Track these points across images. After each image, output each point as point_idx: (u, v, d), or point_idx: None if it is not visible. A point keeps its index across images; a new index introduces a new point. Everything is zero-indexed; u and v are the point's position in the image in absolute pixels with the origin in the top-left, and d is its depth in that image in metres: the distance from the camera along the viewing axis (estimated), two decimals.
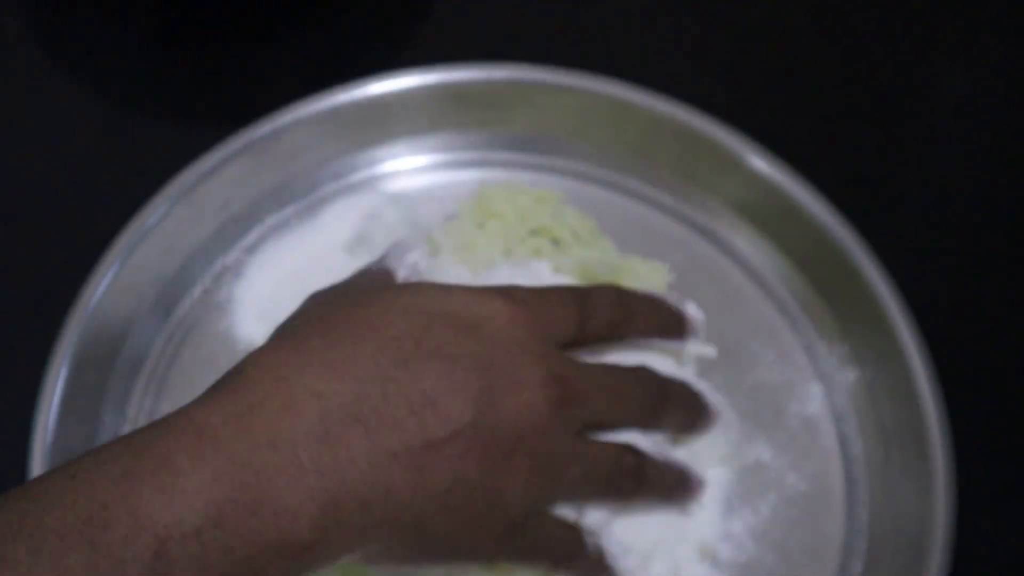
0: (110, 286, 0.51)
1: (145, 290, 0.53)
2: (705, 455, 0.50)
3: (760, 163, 0.55)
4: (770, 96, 0.63)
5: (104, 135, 0.61)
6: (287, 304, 0.54)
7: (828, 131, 0.62)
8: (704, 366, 0.53)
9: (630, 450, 0.46)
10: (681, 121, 0.56)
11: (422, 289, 0.44)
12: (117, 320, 0.52)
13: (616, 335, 0.48)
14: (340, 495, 0.37)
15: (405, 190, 0.58)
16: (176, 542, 0.33)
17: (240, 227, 0.56)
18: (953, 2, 0.67)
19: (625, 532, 0.47)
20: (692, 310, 0.50)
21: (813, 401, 0.53)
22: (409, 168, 0.58)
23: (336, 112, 0.57)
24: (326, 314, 0.42)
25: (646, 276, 0.54)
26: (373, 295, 0.43)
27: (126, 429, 0.51)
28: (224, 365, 0.52)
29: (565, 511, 0.45)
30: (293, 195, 0.57)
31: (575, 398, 0.43)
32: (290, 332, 0.41)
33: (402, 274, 0.48)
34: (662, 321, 0.49)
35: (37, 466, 0.47)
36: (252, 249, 0.56)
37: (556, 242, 0.54)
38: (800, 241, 0.55)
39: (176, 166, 0.54)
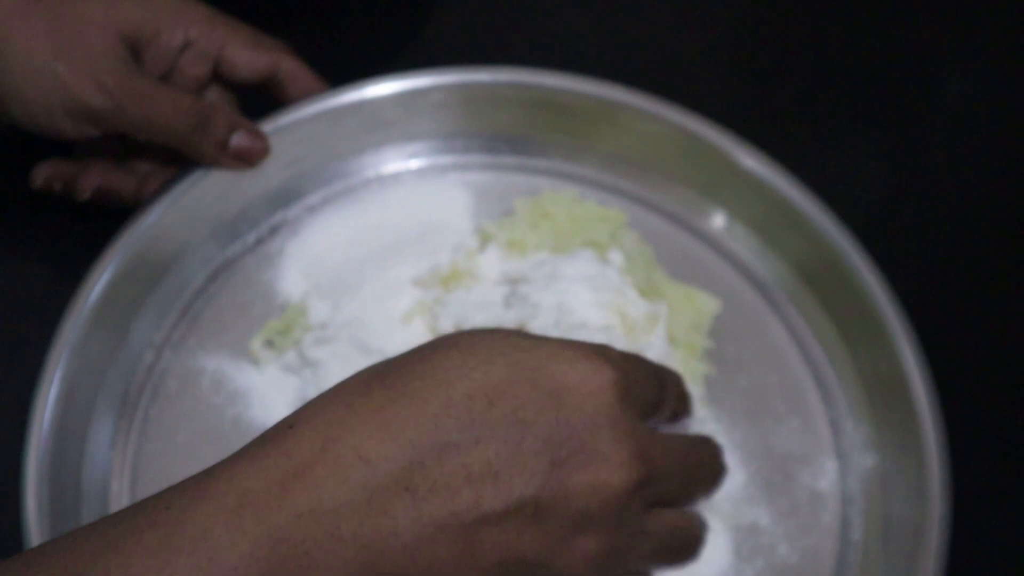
0: (164, 214, 0.53)
1: (199, 225, 0.54)
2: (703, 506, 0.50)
3: (835, 234, 0.54)
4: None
5: None
6: (333, 268, 0.55)
7: (836, 135, 0.62)
8: (725, 418, 0.53)
9: (698, 520, 0.44)
10: (763, 178, 0.55)
11: (510, 335, 0.40)
12: (168, 245, 0.53)
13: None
14: (378, 568, 0.35)
15: (475, 182, 0.58)
16: None
17: (307, 185, 0.57)
18: (953, 2, 0.66)
19: None
20: None
21: (825, 477, 0.52)
22: (484, 163, 0.59)
23: (423, 93, 0.57)
24: (394, 363, 0.39)
25: (698, 304, 0.54)
26: (458, 337, 0.40)
27: (148, 356, 0.53)
28: (259, 313, 0.54)
29: None
30: (364, 166, 0.58)
31: (656, 477, 0.40)
32: (351, 384, 0.39)
33: None
34: (687, 407, 0.47)
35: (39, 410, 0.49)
36: (314, 209, 0.57)
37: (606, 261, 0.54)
38: (852, 318, 0.54)
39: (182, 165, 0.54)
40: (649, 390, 0.42)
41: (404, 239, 0.56)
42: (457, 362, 0.38)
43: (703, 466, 0.45)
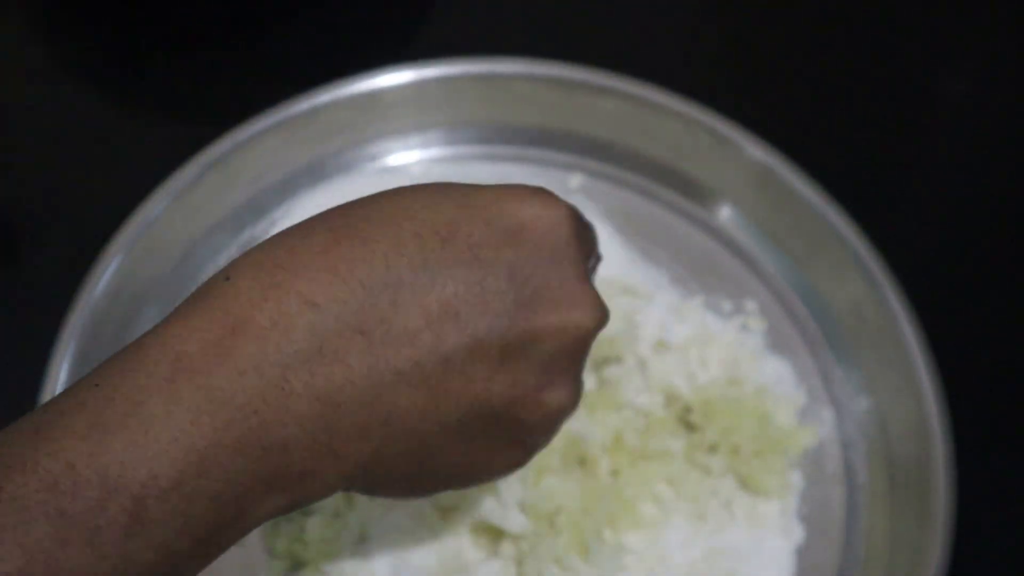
0: (132, 251, 0.52)
1: (169, 254, 0.54)
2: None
3: (795, 182, 0.55)
4: (785, 102, 0.64)
5: (103, 133, 0.61)
6: None
7: (836, 135, 0.63)
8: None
9: None
10: (709, 127, 0.56)
11: (455, 183, 0.37)
12: (140, 279, 0.53)
13: None
14: (334, 421, 0.32)
15: (441, 178, 0.58)
16: (154, 499, 0.30)
17: (271, 199, 0.56)
18: (953, 2, 0.67)
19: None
20: None
21: (823, 425, 0.53)
22: (446, 156, 0.59)
23: (376, 96, 0.57)
24: (339, 208, 0.35)
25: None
26: (401, 187, 0.36)
27: None
28: None
29: None
30: (327, 172, 0.58)
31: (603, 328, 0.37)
32: (292, 230, 0.35)
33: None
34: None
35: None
36: (279, 223, 0.56)
37: None
38: (827, 264, 0.55)
39: (182, 163, 0.54)
40: (588, 233, 0.39)
41: None
42: (403, 204, 0.35)
43: None
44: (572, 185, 0.58)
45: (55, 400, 0.32)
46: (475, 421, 0.35)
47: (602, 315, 0.36)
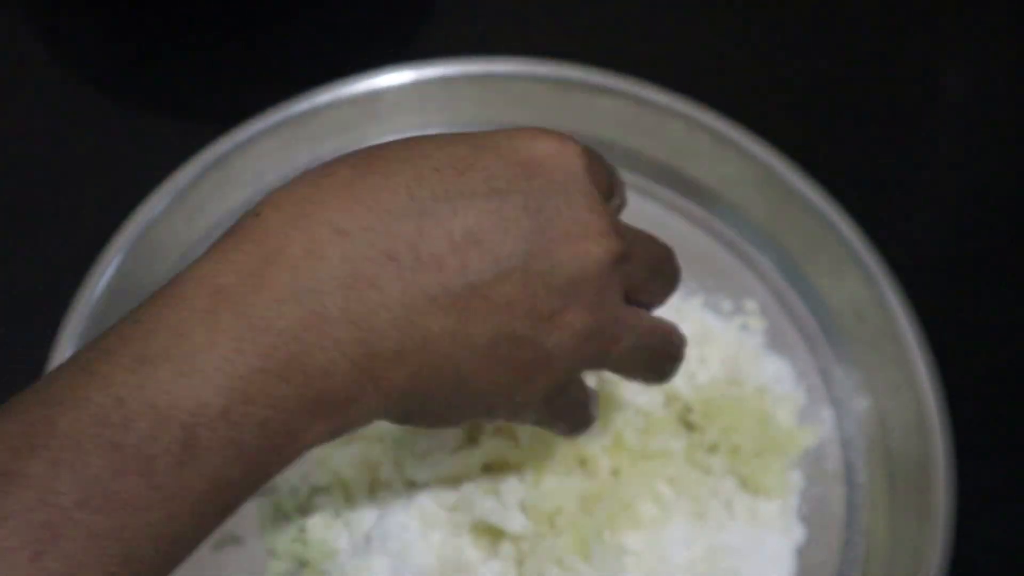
0: (135, 244, 0.52)
1: (169, 253, 0.54)
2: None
3: (795, 181, 0.55)
4: (787, 103, 0.64)
5: (103, 133, 0.61)
6: None
7: (837, 135, 0.63)
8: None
9: (677, 330, 0.43)
10: (709, 127, 0.56)
11: (468, 133, 0.38)
12: (140, 279, 0.52)
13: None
14: (371, 345, 0.34)
15: None
16: (204, 427, 0.31)
17: None
18: (953, 2, 0.67)
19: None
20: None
21: (823, 425, 0.52)
22: None
23: (376, 96, 0.57)
24: (357, 151, 0.37)
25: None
26: (414, 136, 0.38)
27: None
28: None
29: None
30: None
31: (630, 257, 0.39)
32: (314, 169, 0.36)
33: None
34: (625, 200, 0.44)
35: None
36: None
37: None
38: (826, 263, 0.55)
39: (182, 163, 0.54)
40: (605, 171, 0.40)
41: None
42: (419, 145, 0.37)
43: (664, 260, 0.43)
44: None
45: (99, 339, 0.33)
46: (502, 344, 0.36)
47: (615, 246, 0.37)
